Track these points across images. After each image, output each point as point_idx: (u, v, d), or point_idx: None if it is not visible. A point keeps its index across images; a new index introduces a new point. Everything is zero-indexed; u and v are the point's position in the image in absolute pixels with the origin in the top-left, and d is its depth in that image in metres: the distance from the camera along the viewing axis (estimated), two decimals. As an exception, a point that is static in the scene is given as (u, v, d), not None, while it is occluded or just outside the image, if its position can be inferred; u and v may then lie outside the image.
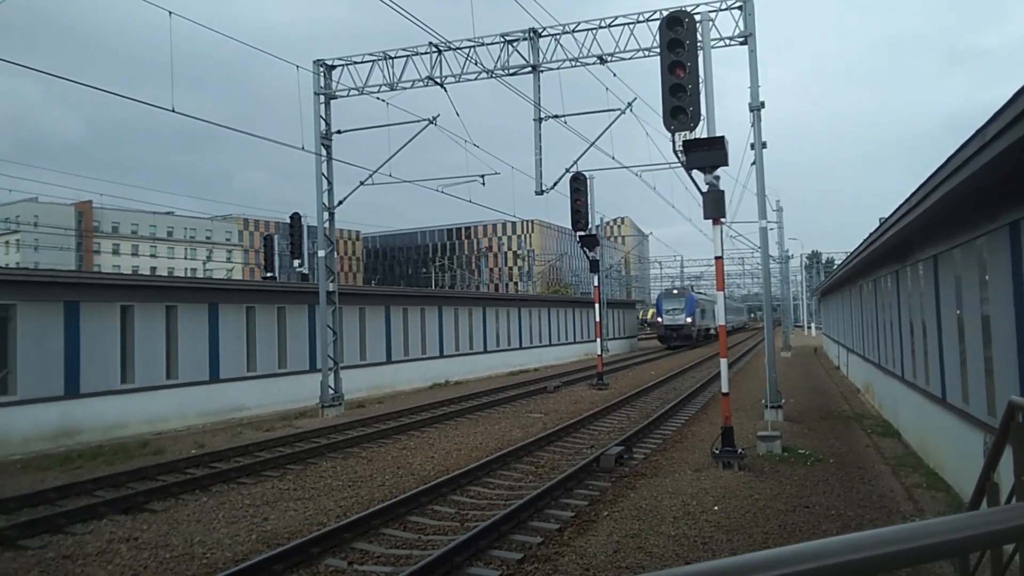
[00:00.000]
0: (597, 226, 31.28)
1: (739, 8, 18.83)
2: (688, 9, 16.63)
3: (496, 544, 8.66)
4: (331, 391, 22.04)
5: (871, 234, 14.53)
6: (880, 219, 14.04)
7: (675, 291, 58.82)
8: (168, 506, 10.53)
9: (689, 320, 54.60)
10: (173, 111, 14.66)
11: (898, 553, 1.30)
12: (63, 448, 15.94)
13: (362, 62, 22.87)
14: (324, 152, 22.93)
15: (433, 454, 14.27)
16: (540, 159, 23.37)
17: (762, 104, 17.93)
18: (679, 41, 12.57)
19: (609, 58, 20.96)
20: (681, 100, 12.42)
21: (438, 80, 21.87)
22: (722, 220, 12.87)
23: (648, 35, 20.31)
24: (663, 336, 56.52)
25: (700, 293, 65.48)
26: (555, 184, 24.60)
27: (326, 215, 22.97)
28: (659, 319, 57.05)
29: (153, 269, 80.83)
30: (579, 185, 25.65)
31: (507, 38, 21.76)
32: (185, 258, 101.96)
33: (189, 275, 76.23)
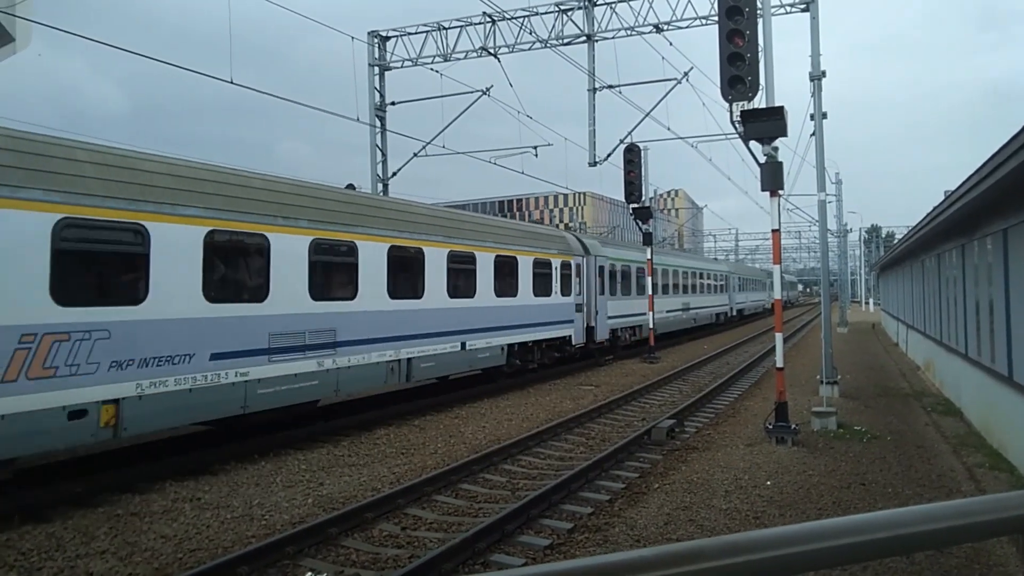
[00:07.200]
0: (651, 198, 30.95)
1: (801, -27, 18.27)
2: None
3: (547, 513, 8.74)
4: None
5: (935, 207, 14.08)
6: (945, 192, 13.58)
7: None
8: (228, 468, 10.87)
9: None
10: (231, 82, 14.89)
11: (961, 527, 1.28)
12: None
13: (416, 33, 22.90)
14: (378, 123, 23.07)
15: (484, 423, 14.42)
16: (594, 130, 23.19)
17: (823, 73, 17.43)
18: (738, 8, 12.24)
19: (665, 27, 20.60)
20: (739, 69, 12.13)
21: (492, 51, 21.78)
22: (780, 192, 12.62)
23: (706, 3, 19.91)
24: None
25: None
26: (608, 155, 24.42)
27: (380, 186, 23.17)
28: None
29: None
30: (633, 156, 25.35)
31: (562, 7, 21.52)
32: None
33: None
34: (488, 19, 21.75)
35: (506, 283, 18.79)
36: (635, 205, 26.06)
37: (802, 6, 18.34)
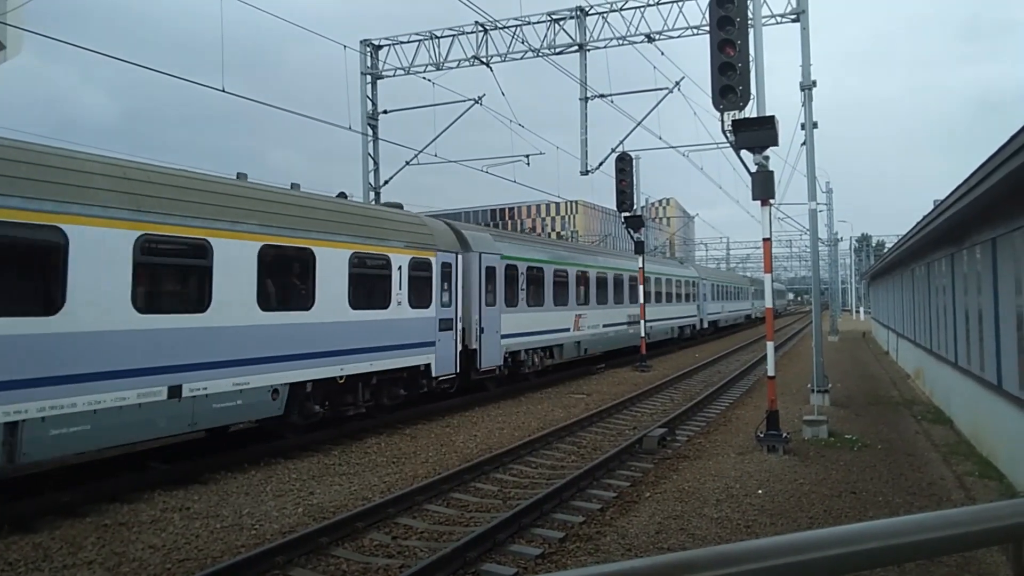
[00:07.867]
0: (642, 207, 31.06)
1: (792, -16, 18.42)
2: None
3: (538, 522, 8.71)
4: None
5: (925, 217, 14.18)
6: (934, 201, 13.68)
7: None
8: (218, 478, 10.80)
9: None
10: (223, 91, 14.86)
11: (952, 537, 1.28)
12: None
13: (408, 42, 22.95)
14: (370, 132, 23.08)
15: (476, 432, 14.38)
16: (586, 139, 23.27)
17: (814, 83, 17.54)
18: (729, 19, 12.33)
19: (657, 36, 20.71)
20: (731, 79, 12.21)
21: (484, 60, 21.83)
22: (771, 201, 12.68)
23: (697, 13, 20.06)
24: None
25: None
26: (600, 164, 24.49)
27: (372, 195, 23.16)
28: None
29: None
30: (625, 165, 25.45)
31: (554, 17, 21.62)
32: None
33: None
34: (480, 28, 21.81)
35: (288, 289, 12.51)
36: (627, 214, 26.13)
37: (792, 16, 18.46)
